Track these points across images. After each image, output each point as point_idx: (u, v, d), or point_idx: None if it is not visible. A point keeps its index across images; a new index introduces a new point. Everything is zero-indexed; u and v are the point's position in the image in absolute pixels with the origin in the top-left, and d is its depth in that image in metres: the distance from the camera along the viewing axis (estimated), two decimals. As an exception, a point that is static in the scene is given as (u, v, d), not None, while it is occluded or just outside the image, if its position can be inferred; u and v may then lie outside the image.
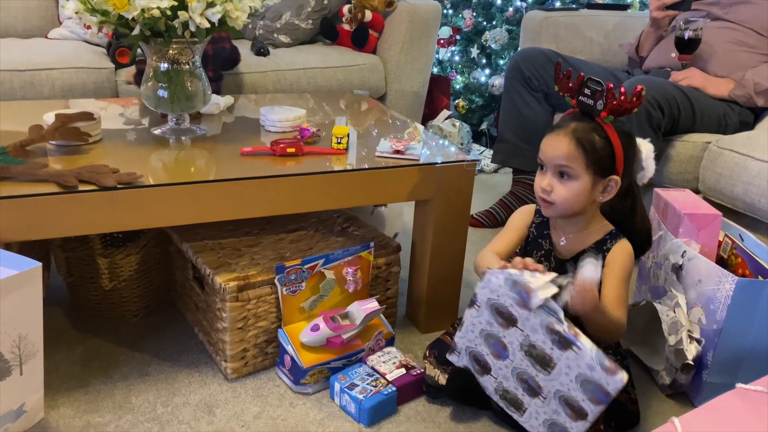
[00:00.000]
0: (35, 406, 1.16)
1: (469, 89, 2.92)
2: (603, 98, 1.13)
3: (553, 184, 1.18)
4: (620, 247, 1.22)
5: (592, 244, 1.23)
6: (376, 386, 1.25)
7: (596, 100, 1.14)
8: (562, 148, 1.16)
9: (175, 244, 1.48)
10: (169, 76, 1.39)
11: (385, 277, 1.49)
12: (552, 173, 1.19)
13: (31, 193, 1.11)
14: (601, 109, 1.14)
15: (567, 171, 1.17)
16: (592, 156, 1.15)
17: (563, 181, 1.18)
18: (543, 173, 1.21)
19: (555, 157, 1.17)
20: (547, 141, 1.19)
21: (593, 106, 1.15)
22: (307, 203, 1.33)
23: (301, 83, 2.27)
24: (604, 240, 1.23)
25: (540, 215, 1.30)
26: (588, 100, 1.16)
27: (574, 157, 1.15)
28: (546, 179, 1.19)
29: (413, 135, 1.55)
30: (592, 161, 1.15)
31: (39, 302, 1.10)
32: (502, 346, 1.15)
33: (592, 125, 1.16)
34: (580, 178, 1.17)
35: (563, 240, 1.27)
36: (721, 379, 1.26)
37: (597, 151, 1.15)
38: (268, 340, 1.34)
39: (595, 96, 1.15)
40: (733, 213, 1.61)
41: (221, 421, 1.21)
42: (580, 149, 1.15)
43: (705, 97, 1.84)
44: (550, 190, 1.18)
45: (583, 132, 1.15)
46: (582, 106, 1.18)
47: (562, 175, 1.18)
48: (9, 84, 1.93)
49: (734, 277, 1.21)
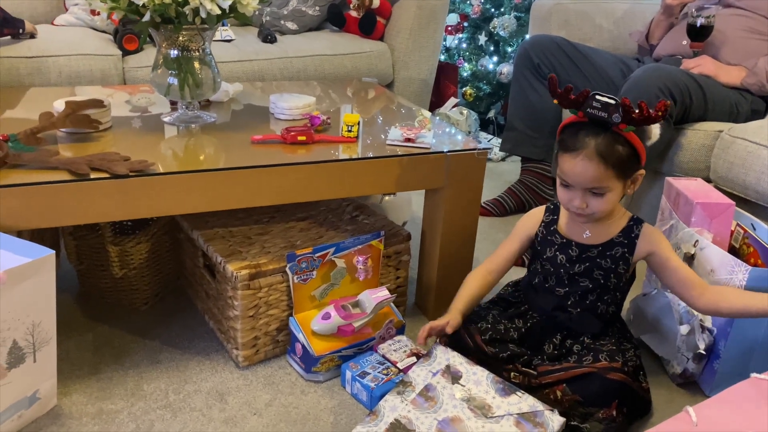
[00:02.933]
0: (48, 392, 1.17)
1: (476, 77, 2.90)
2: (619, 111, 1.09)
3: (587, 201, 1.17)
4: (650, 230, 1.24)
5: (619, 233, 1.24)
6: (387, 374, 1.25)
7: (611, 113, 1.10)
8: (590, 172, 1.13)
9: (185, 232, 1.48)
10: (179, 63, 1.38)
11: (395, 266, 1.49)
12: (582, 192, 1.17)
13: (43, 181, 1.11)
14: (618, 122, 1.10)
15: (600, 190, 1.15)
16: (620, 167, 1.14)
17: (596, 196, 1.16)
18: (570, 191, 1.18)
19: (585, 182, 1.15)
20: (571, 165, 1.15)
21: (608, 119, 1.11)
22: (318, 192, 1.32)
23: (308, 70, 2.25)
24: (630, 227, 1.24)
25: (551, 213, 1.30)
26: (600, 113, 1.11)
27: (604, 176, 1.13)
28: (578, 198, 1.17)
29: (424, 123, 1.54)
30: (621, 171, 1.14)
31: (52, 290, 1.10)
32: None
33: (612, 136, 1.13)
34: (614, 189, 1.16)
35: (587, 233, 1.25)
36: (733, 368, 1.26)
37: (623, 160, 1.13)
38: (279, 328, 1.34)
39: (608, 109, 1.10)
40: (744, 202, 1.60)
41: (233, 408, 1.22)
42: (609, 167, 1.13)
43: (717, 86, 1.82)
44: (586, 206, 1.17)
45: (606, 148, 1.12)
46: (594, 119, 1.13)
47: (594, 192, 1.16)
48: (16, 71, 1.92)
49: (747, 267, 1.20)
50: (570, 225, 1.27)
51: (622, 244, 1.23)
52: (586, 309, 1.26)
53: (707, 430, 0.94)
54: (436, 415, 1.09)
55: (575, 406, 1.16)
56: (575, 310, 1.26)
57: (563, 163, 1.17)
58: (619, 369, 1.16)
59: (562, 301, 1.26)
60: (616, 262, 1.23)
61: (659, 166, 1.82)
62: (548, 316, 1.28)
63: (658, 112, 1.10)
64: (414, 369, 1.18)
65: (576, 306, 1.26)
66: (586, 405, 1.15)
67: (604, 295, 1.25)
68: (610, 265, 1.23)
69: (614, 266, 1.23)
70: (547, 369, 1.20)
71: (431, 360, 1.18)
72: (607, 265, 1.23)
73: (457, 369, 1.16)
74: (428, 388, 1.13)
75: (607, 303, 1.26)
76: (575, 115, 1.16)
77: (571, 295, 1.26)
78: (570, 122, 1.17)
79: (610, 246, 1.23)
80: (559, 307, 1.27)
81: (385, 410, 1.11)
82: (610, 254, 1.23)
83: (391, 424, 1.09)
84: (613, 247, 1.23)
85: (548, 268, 1.28)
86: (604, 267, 1.24)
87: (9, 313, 1.03)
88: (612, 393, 1.15)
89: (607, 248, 1.23)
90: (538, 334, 1.27)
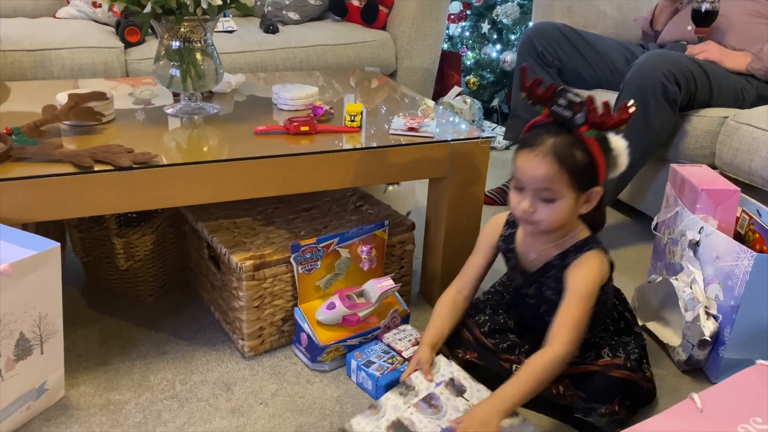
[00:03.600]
0: (56, 384, 1.17)
1: (480, 65, 2.89)
2: (583, 111, 1.02)
3: (536, 206, 1.08)
4: (582, 262, 1.12)
5: (556, 256, 1.15)
6: (392, 363, 1.25)
7: (575, 113, 1.03)
8: (542, 170, 1.05)
9: (189, 224, 1.48)
10: (180, 54, 1.38)
11: (400, 255, 1.49)
12: (532, 194, 1.08)
13: (46, 174, 1.11)
14: (581, 122, 1.03)
15: (550, 194, 1.07)
16: (575, 174, 1.05)
17: (546, 201, 1.08)
18: (521, 193, 1.10)
19: (535, 180, 1.06)
20: (524, 160, 1.07)
21: (571, 119, 1.04)
22: (321, 182, 1.32)
23: (311, 61, 2.25)
24: (567, 252, 1.13)
25: (510, 226, 1.24)
26: (564, 111, 1.04)
27: (556, 179, 1.05)
28: (526, 201, 1.08)
29: (427, 112, 1.53)
30: (576, 179, 1.06)
31: (58, 282, 1.11)
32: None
33: (572, 139, 1.05)
34: (564, 197, 1.07)
35: (534, 254, 1.18)
36: (739, 355, 1.26)
37: (579, 167, 1.05)
38: (285, 318, 1.35)
39: (573, 108, 1.03)
40: (750, 188, 1.59)
41: (239, 398, 1.23)
42: (562, 169, 1.04)
43: (722, 71, 1.81)
44: (533, 211, 1.09)
45: (563, 149, 1.04)
46: (557, 117, 1.06)
47: (543, 196, 1.08)
48: (19, 64, 1.92)
49: (753, 253, 1.20)
50: (524, 243, 1.21)
51: (558, 267, 1.14)
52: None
53: (713, 416, 0.94)
54: (440, 422, 1.09)
55: (577, 401, 1.16)
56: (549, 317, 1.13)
57: (518, 160, 1.09)
58: (621, 365, 1.16)
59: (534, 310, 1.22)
60: (560, 282, 1.14)
61: (664, 153, 1.81)
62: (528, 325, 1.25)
63: (621, 117, 1.03)
64: (417, 375, 1.17)
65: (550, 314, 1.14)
66: (588, 401, 1.15)
67: None
68: (557, 285, 1.14)
69: (561, 287, 1.13)
70: None
71: (434, 370, 1.17)
72: (554, 285, 1.15)
73: (461, 383, 1.15)
74: (431, 397, 1.13)
75: None
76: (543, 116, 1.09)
77: (541, 305, 1.20)
78: (536, 122, 1.11)
79: (548, 268, 1.16)
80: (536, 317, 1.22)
81: (387, 407, 1.11)
82: (550, 276, 1.15)
83: (392, 422, 1.09)
84: (550, 269, 1.15)
85: (507, 284, 1.27)
86: (553, 287, 1.16)
87: (15, 306, 1.04)
88: (615, 390, 1.14)
89: (546, 270, 1.16)
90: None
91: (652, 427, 0.91)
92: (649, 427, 0.91)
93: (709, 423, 0.92)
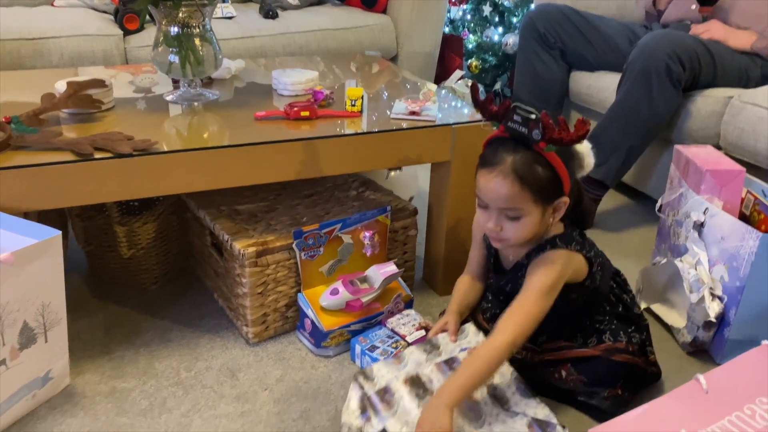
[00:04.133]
0: (61, 372, 1.18)
1: (482, 48, 2.86)
2: (539, 128, 1.00)
3: (502, 224, 1.07)
4: (541, 260, 1.10)
5: (524, 257, 1.14)
6: (396, 347, 1.25)
7: (531, 129, 1.01)
8: (504, 190, 1.03)
9: (191, 212, 1.47)
10: (179, 40, 1.37)
11: (403, 241, 1.48)
12: (497, 213, 1.07)
13: (46, 162, 1.11)
14: (538, 139, 1.01)
15: (515, 212, 1.06)
16: (538, 190, 1.04)
17: (511, 219, 1.07)
18: (487, 212, 1.09)
19: (498, 200, 1.05)
20: (486, 180, 1.05)
21: (528, 136, 1.01)
22: (322, 167, 1.31)
23: (311, 46, 2.23)
24: (535, 250, 1.12)
25: None
26: (520, 128, 1.02)
27: (519, 197, 1.04)
28: (492, 220, 1.08)
29: (428, 95, 1.52)
30: (539, 195, 1.04)
31: (60, 270, 1.10)
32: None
33: (531, 155, 1.03)
34: (530, 214, 1.06)
35: (511, 255, 1.18)
36: (744, 336, 1.25)
37: (542, 182, 1.03)
38: (288, 304, 1.35)
39: (528, 124, 1.01)
40: (755, 169, 1.58)
41: (244, 384, 1.23)
42: (525, 187, 1.03)
43: (726, 50, 1.79)
44: (500, 229, 1.08)
45: (523, 166, 1.02)
46: (514, 134, 1.04)
47: (509, 215, 1.07)
48: (17, 53, 1.91)
49: (758, 233, 1.19)
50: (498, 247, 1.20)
51: (526, 266, 1.12)
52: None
53: (719, 397, 0.94)
54: None
55: (580, 386, 1.16)
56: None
57: (479, 180, 1.07)
58: (623, 350, 1.15)
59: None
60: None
61: (668, 135, 1.80)
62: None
63: (578, 132, 1.00)
64: (444, 336, 1.18)
65: None
66: (590, 386, 1.15)
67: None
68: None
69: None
70: (551, 346, 1.19)
71: (462, 335, 1.19)
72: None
73: None
74: (453, 360, 1.14)
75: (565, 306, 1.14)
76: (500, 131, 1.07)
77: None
78: (493, 137, 1.08)
79: (518, 267, 1.15)
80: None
81: (410, 361, 1.12)
82: (521, 274, 1.13)
83: (411, 377, 1.09)
84: (521, 268, 1.14)
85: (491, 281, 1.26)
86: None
87: (18, 295, 1.04)
88: (617, 374, 1.14)
89: (517, 269, 1.15)
90: None
91: (658, 408, 0.91)
92: (655, 408, 0.91)
93: (715, 404, 0.92)
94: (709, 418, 0.90)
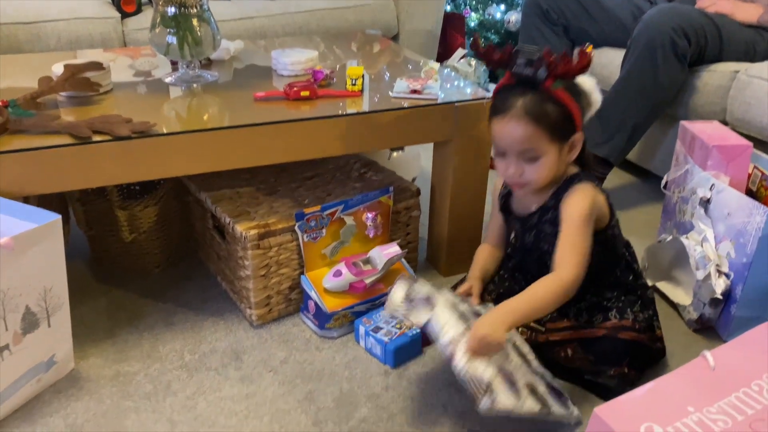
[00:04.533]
0: (65, 356, 1.18)
1: (484, 26, 2.83)
2: (543, 65, 1.03)
3: (522, 168, 1.10)
4: (575, 192, 1.12)
5: (549, 198, 1.15)
6: (400, 328, 1.25)
7: (536, 69, 1.04)
8: (519, 132, 1.06)
9: (193, 195, 1.46)
10: (177, 21, 1.35)
11: (405, 222, 1.47)
12: (516, 158, 1.10)
13: (44, 146, 1.10)
14: (544, 77, 1.03)
15: (532, 153, 1.08)
16: (552, 128, 1.06)
17: (530, 161, 1.09)
18: (505, 160, 1.11)
19: (515, 144, 1.08)
20: (500, 128, 1.09)
21: (534, 76, 1.04)
22: (323, 148, 1.30)
23: (311, 25, 2.20)
24: (561, 189, 1.14)
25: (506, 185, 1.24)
26: (526, 70, 1.05)
27: (535, 138, 1.06)
28: (512, 166, 1.10)
29: (430, 74, 1.50)
30: (554, 132, 1.07)
31: (61, 254, 1.10)
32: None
33: (540, 95, 1.05)
34: (547, 153, 1.08)
35: (534, 205, 1.18)
36: (751, 313, 1.25)
37: (555, 121, 1.06)
38: (292, 286, 1.34)
39: (533, 64, 1.04)
40: (762, 144, 1.56)
41: (249, 366, 1.23)
42: (539, 127, 1.06)
43: (733, 24, 1.76)
44: (520, 174, 1.10)
45: (534, 106, 1.05)
46: (520, 77, 1.07)
47: (527, 157, 1.09)
48: (14, 37, 1.89)
49: (766, 209, 1.18)
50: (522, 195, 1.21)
51: (554, 207, 1.14)
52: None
53: (725, 374, 0.93)
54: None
55: (587, 364, 1.15)
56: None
57: (493, 128, 1.10)
58: (629, 327, 1.15)
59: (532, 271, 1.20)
60: (556, 225, 1.13)
61: (673, 111, 1.78)
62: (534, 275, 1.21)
63: (581, 63, 1.03)
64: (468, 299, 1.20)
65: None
66: (597, 364, 1.15)
67: None
68: (554, 230, 1.13)
69: (557, 231, 1.12)
70: (555, 326, 1.18)
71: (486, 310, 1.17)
72: (550, 230, 1.14)
73: None
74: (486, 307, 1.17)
75: None
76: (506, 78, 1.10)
77: (536, 266, 1.19)
78: (501, 86, 1.11)
79: (545, 211, 1.16)
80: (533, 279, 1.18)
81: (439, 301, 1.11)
82: (547, 219, 1.15)
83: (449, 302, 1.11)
84: (548, 211, 1.15)
85: (510, 240, 1.26)
86: (548, 232, 1.15)
87: (19, 279, 1.04)
88: (623, 352, 1.14)
89: (542, 214, 1.16)
90: None
91: (664, 385, 0.91)
92: (661, 386, 0.90)
93: (722, 380, 0.91)
94: (716, 395, 0.89)
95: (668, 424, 0.83)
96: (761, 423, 0.85)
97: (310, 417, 1.11)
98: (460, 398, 1.15)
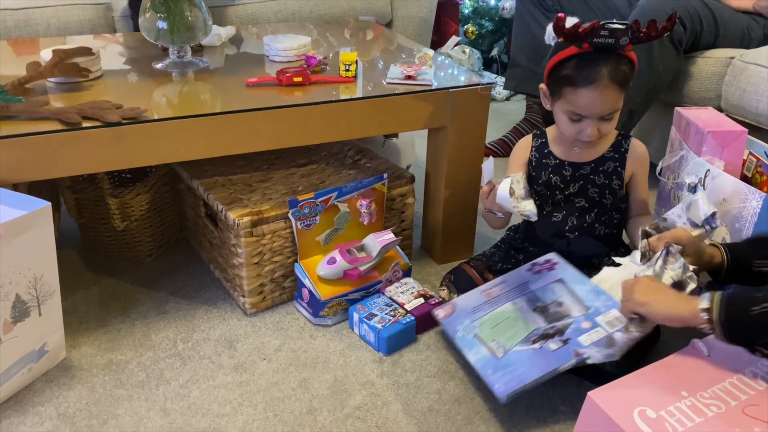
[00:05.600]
0: (57, 345, 1.17)
1: (478, 13, 2.81)
2: (628, 35, 1.11)
3: (600, 127, 1.19)
4: (639, 147, 1.27)
5: (610, 148, 1.26)
6: (394, 316, 1.24)
7: (618, 38, 1.12)
8: (610, 101, 1.16)
9: (185, 182, 1.45)
10: (167, 5, 1.33)
11: (400, 209, 1.46)
12: (597, 121, 1.18)
13: (33, 132, 1.08)
14: (625, 44, 1.12)
15: (612, 113, 1.18)
16: (627, 85, 1.18)
17: (607, 120, 1.19)
18: (580, 123, 1.19)
19: (603, 111, 1.17)
20: (589, 98, 1.15)
21: (615, 45, 1.13)
22: (316, 134, 1.29)
23: (303, 12, 2.18)
24: (619, 142, 1.26)
25: (538, 137, 1.31)
26: (608, 40, 1.13)
27: (618, 101, 1.17)
28: (591, 128, 1.18)
29: (424, 59, 1.49)
30: (626, 88, 1.18)
31: (51, 242, 1.09)
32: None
33: (618, 59, 1.15)
34: (620, 106, 1.19)
35: (576, 149, 1.27)
36: (745, 298, 1.24)
37: (629, 78, 1.17)
38: (285, 274, 1.33)
39: (616, 34, 1.12)
40: (757, 130, 1.56)
41: (242, 354, 1.22)
42: (622, 90, 1.16)
43: (728, 10, 1.75)
44: (598, 132, 1.19)
45: (617, 73, 1.14)
46: (601, 46, 1.14)
47: (607, 117, 1.18)
48: (3, 23, 1.87)
49: (762, 194, 1.17)
50: (559, 145, 1.29)
51: (613, 159, 1.25)
52: (584, 232, 1.27)
53: (720, 359, 0.93)
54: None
55: None
56: (573, 234, 1.27)
57: (578, 99, 1.16)
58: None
59: (559, 227, 1.27)
60: (609, 177, 1.25)
61: (668, 97, 1.77)
62: (546, 244, 1.28)
63: (665, 25, 1.12)
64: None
65: (574, 230, 1.27)
66: None
67: (601, 216, 1.27)
68: (604, 181, 1.25)
69: (608, 182, 1.25)
70: None
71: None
72: (600, 182, 1.25)
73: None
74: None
75: (605, 224, 1.28)
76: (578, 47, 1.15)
77: (569, 219, 1.27)
78: (567, 56, 1.16)
79: (601, 161, 1.25)
80: (557, 234, 1.27)
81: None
82: (602, 170, 1.25)
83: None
84: (605, 162, 1.25)
85: (544, 193, 1.28)
86: (598, 183, 1.25)
87: (9, 267, 1.02)
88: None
89: (599, 164, 1.25)
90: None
91: (659, 370, 0.90)
92: (656, 370, 0.90)
93: (717, 366, 0.91)
94: (711, 381, 0.89)
95: (661, 408, 0.83)
96: (754, 408, 0.85)
97: (305, 405, 1.11)
98: (455, 385, 1.15)
